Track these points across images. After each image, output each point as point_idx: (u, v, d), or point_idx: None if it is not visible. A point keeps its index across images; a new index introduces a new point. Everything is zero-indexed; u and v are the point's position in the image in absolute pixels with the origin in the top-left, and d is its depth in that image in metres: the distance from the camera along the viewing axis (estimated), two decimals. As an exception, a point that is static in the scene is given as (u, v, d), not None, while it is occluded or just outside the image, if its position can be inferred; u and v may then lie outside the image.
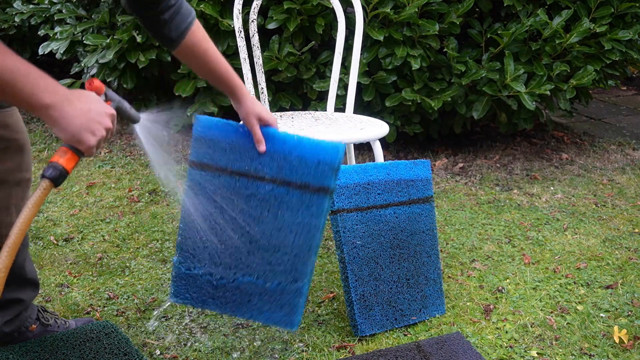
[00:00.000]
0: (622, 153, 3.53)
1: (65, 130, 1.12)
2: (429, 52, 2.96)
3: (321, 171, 1.40)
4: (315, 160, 1.40)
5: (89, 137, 1.13)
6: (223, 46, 2.99)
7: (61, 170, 1.17)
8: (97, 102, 1.16)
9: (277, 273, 1.46)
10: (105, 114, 1.16)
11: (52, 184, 1.16)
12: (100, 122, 1.14)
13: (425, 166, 1.89)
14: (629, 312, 1.92)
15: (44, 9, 3.67)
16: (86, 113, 1.12)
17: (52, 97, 1.08)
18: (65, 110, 1.10)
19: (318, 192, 1.42)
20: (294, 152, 1.42)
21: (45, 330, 1.66)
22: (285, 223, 1.44)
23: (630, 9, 3.09)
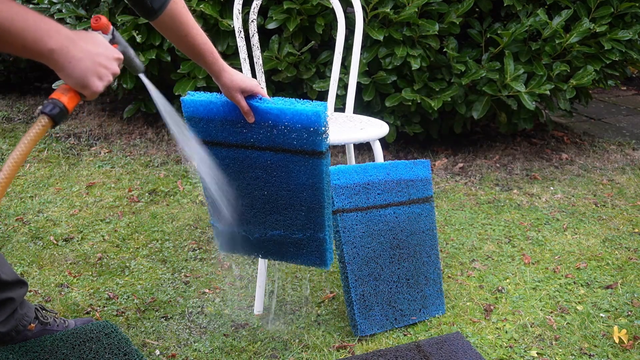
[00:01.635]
0: (622, 153, 3.53)
1: (72, 76, 1.05)
2: (428, 52, 2.96)
3: (308, 137, 1.45)
4: (300, 127, 1.44)
5: (96, 82, 1.07)
6: (223, 46, 2.99)
7: (62, 108, 1.07)
8: (103, 44, 1.09)
9: (299, 226, 1.57)
10: (113, 57, 1.09)
11: (52, 121, 1.07)
12: (107, 67, 1.08)
13: (425, 166, 1.89)
14: (629, 312, 1.92)
15: (43, 9, 3.67)
16: (93, 56, 1.05)
17: (56, 41, 1.01)
18: (71, 54, 1.03)
19: (312, 156, 1.47)
20: (279, 121, 1.46)
21: (45, 329, 1.65)
22: (291, 185, 1.51)
23: (630, 9, 3.09)
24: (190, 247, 2.28)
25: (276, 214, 1.57)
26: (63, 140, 3.45)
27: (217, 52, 1.46)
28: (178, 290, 2.00)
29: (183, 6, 1.39)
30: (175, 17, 1.37)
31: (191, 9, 2.88)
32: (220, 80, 1.45)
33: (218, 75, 1.45)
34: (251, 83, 1.45)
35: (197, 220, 2.49)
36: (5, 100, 4.25)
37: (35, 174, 2.96)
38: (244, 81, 1.44)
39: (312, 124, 1.42)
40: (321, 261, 1.61)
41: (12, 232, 2.37)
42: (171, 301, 1.94)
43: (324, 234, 1.56)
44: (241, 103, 1.44)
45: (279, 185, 1.52)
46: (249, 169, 1.52)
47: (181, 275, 2.09)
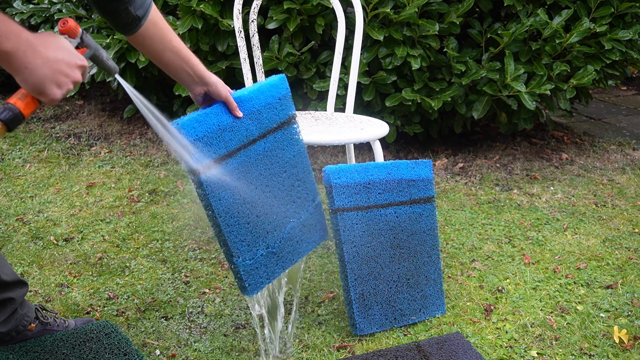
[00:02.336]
0: (622, 153, 3.53)
1: (28, 81, 1.01)
2: (429, 52, 2.96)
3: (283, 105, 1.57)
4: (277, 98, 1.56)
5: (54, 90, 1.03)
6: (223, 46, 2.99)
7: (17, 113, 1.04)
8: (66, 50, 1.05)
9: (302, 204, 1.64)
10: (75, 65, 1.05)
11: (5, 127, 1.04)
12: (67, 75, 1.04)
13: (427, 166, 1.89)
14: (629, 312, 1.92)
15: (44, 9, 3.67)
16: (52, 63, 1.01)
17: (13, 44, 0.97)
18: (28, 59, 0.99)
19: (289, 124, 1.59)
20: (260, 103, 1.53)
21: (45, 329, 1.65)
22: (286, 163, 1.58)
23: (630, 9, 3.09)
24: (190, 247, 2.28)
25: (285, 204, 1.58)
26: (63, 140, 3.45)
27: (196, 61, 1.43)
28: (178, 290, 2.00)
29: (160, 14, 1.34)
30: (158, 23, 1.32)
31: (191, 9, 2.88)
32: (210, 79, 1.43)
33: (207, 76, 1.42)
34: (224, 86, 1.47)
35: (197, 220, 2.49)
36: (5, 100, 4.25)
37: (35, 174, 2.96)
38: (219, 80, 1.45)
39: (284, 89, 1.58)
40: (323, 233, 1.70)
41: (12, 232, 2.37)
42: (171, 301, 1.94)
43: (318, 198, 1.66)
44: (229, 99, 1.45)
45: (278, 170, 1.57)
46: (252, 167, 1.51)
47: (181, 275, 2.09)
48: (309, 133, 1.87)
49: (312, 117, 2.15)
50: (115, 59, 3.21)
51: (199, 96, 1.46)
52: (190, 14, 2.91)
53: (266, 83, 1.55)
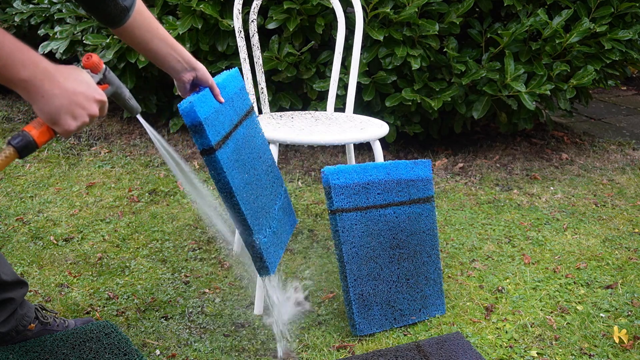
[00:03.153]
0: (622, 153, 3.53)
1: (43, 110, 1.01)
2: (429, 52, 2.96)
3: (244, 94, 1.64)
4: (239, 88, 1.63)
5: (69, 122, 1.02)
6: (223, 46, 2.99)
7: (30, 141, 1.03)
8: (85, 84, 1.05)
9: (277, 188, 1.71)
10: (93, 99, 1.05)
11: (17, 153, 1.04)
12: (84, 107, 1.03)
13: (426, 166, 1.89)
14: (629, 312, 1.92)
15: (43, 9, 3.67)
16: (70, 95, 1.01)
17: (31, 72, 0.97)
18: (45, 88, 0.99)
19: (251, 112, 1.67)
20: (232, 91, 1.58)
21: (45, 329, 1.65)
22: (259, 149, 1.65)
23: (630, 9, 3.09)
24: (190, 247, 2.28)
25: (269, 186, 1.65)
26: (63, 140, 3.46)
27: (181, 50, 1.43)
28: (178, 290, 2.00)
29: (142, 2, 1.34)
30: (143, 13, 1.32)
31: (191, 9, 2.88)
32: (197, 64, 1.43)
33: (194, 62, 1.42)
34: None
35: (197, 220, 2.49)
36: (5, 100, 4.25)
37: (35, 174, 2.96)
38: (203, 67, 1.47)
39: (241, 80, 1.67)
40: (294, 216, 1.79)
41: (12, 232, 2.37)
42: (171, 301, 1.94)
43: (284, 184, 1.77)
44: (214, 85, 1.47)
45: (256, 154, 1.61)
46: (241, 151, 1.54)
47: (181, 275, 2.09)
48: (309, 133, 1.87)
49: (312, 117, 2.15)
50: (115, 59, 3.21)
51: (187, 83, 1.45)
52: (190, 14, 2.91)
53: (228, 74, 1.62)
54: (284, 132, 1.85)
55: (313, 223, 2.52)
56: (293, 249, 2.30)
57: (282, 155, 3.31)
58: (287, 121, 2.05)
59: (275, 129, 1.89)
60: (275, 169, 1.74)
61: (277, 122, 2.02)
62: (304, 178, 3.01)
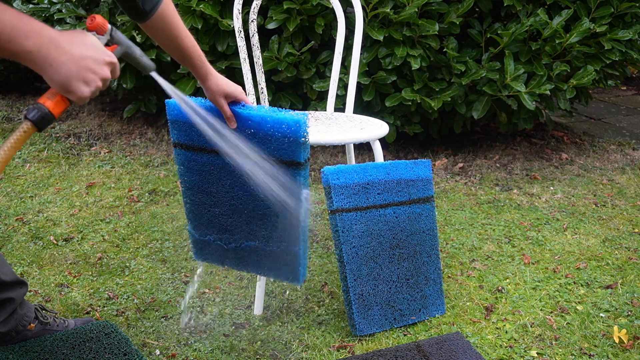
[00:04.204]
0: (622, 153, 3.53)
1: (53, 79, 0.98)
2: (428, 52, 2.96)
3: (288, 146, 1.43)
4: (280, 135, 1.42)
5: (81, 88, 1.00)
6: (223, 46, 2.99)
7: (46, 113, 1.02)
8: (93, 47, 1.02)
9: (275, 239, 1.54)
10: (103, 61, 1.02)
11: (35, 127, 1.02)
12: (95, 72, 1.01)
13: (426, 166, 1.89)
14: (629, 312, 1.92)
15: (43, 9, 3.67)
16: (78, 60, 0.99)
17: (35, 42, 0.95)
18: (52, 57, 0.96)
19: (289, 165, 1.44)
20: (260, 129, 1.44)
21: (45, 329, 1.65)
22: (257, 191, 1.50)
23: (630, 9, 3.09)
24: (190, 247, 2.28)
25: (252, 224, 1.55)
26: (63, 140, 3.45)
27: (204, 56, 1.46)
28: (178, 290, 2.00)
29: (173, 9, 1.38)
30: (166, 19, 1.36)
31: (191, 9, 2.88)
32: (206, 84, 1.45)
33: (204, 79, 1.45)
34: (235, 89, 1.45)
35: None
36: (5, 100, 4.25)
37: (35, 174, 2.96)
38: (228, 86, 1.44)
39: (293, 133, 1.40)
40: (294, 276, 1.56)
41: (12, 232, 2.37)
42: (171, 301, 1.94)
43: (298, 248, 1.51)
44: (224, 108, 1.44)
45: (256, 195, 1.49)
46: (228, 176, 1.51)
47: (181, 275, 2.09)
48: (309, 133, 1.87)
49: (312, 117, 2.15)
50: (115, 59, 3.21)
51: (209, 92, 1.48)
52: (190, 14, 2.91)
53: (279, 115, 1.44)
54: (284, 132, 1.85)
55: (313, 223, 2.52)
56: (293, 249, 2.30)
57: (282, 155, 3.30)
58: (287, 121, 2.04)
59: (275, 129, 1.89)
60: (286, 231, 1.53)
61: (277, 122, 2.02)
62: (304, 178, 3.01)
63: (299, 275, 1.56)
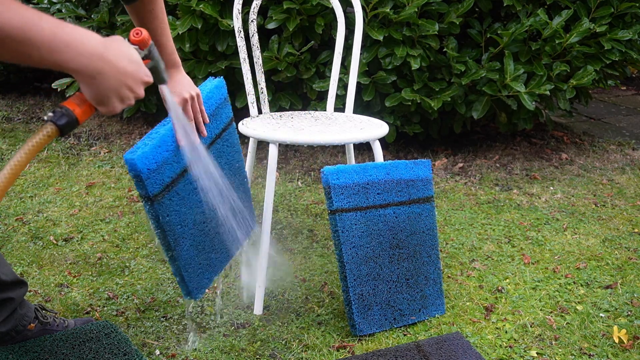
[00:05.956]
0: (622, 153, 3.53)
1: (91, 90, 0.95)
2: (428, 52, 2.96)
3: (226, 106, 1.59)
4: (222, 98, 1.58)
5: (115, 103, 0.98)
6: (223, 46, 2.99)
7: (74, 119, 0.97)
8: (136, 63, 1.00)
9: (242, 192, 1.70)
10: (141, 80, 1.00)
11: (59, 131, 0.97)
12: (133, 90, 0.99)
13: (426, 166, 1.89)
14: (629, 312, 1.92)
15: (43, 9, 3.67)
16: (121, 75, 0.96)
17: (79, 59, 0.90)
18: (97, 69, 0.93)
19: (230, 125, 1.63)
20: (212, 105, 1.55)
21: (45, 329, 1.65)
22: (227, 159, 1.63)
23: (630, 9, 3.09)
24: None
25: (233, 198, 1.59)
26: (63, 140, 3.45)
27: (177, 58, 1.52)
28: (178, 290, 2.00)
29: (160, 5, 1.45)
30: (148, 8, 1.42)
31: (191, 9, 2.88)
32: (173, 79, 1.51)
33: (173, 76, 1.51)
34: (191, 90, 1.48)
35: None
36: (5, 100, 4.25)
37: (35, 174, 2.96)
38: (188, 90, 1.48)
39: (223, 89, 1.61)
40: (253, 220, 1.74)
41: (12, 232, 2.37)
42: (171, 301, 1.94)
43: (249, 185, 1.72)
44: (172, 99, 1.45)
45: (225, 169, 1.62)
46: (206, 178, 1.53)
47: (181, 275, 2.09)
48: (309, 133, 1.87)
49: (312, 117, 2.15)
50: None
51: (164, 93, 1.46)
52: (190, 13, 2.91)
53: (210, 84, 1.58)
54: (283, 132, 1.85)
55: (313, 223, 2.52)
56: (293, 249, 2.30)
57: (282, 155, 3.31)
58: (287, 121, 2.05)
59: (275, 129, 1.89)
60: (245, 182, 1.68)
61: (277, 122, 2.02)
62: (304, 178, 3.01)
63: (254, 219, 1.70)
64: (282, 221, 2.52)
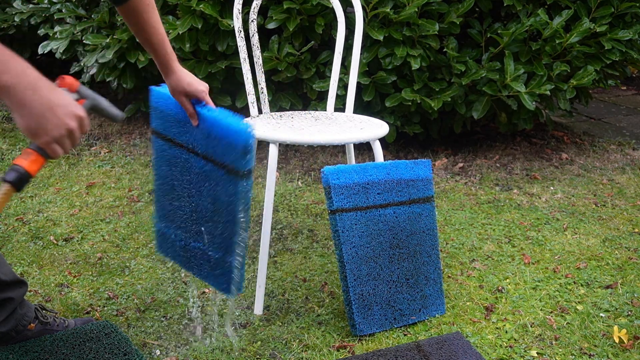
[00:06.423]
0: (622, 153, 3.53)
1: (22, 120, 1.01)
2: (428, 52, 2.96)
3: (231, 152, 1.41)
4: (227, 142, 1.41)
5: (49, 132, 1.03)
6: (223, 46, 2.99)
7: (22, 173, 1.07)
8: (67, 99, 1.06)
9: (215, 245, 1.52)
10: (74, 113, 1.06)
11: (14, 188, 1.07)
12: (63, 121, 1.04)
13: (426, 166, 1.89)
14: (629, 312, 1.92)
15: (43, 9, 3.67)
16: (52, 106, 1.02)
17: (15, 79, 0.98)
18: (29, 98, 1.00)
19: (232, 174, 1.42)
20: (212, 130, 1.45)
21: (45, 329, 1.65)
22: (216, 198, 1.48)
23: (630, 9, 3.09)
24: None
25: (199, 225, 1.56)
26: (63, 140, 3.45)
27: (171, 54, 1.49)
28: (178, 290, 2.00)
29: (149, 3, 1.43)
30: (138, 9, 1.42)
31: (191, 9, 2.88)
32: (167, 80, 1.51)
33: (166, 75, 1.51)
34: (196, 89, 1.48)
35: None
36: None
37: (35, 173, 2.96)
38: (190, 86, 1.48)
39: (236, 141, 1.39)
40: (227, 287, 1.53)
41: (12, 232, 2.37)
42: (171, 301, 1.94)
43: (231, 259, 1.49)
44: (186, 105, 1.49)
45: (206, 196, 1.51)
46: (187, 172, 1.55)
47: (181, 275, 2.09)
48: (309, 133, 1.87)
49: (312, 117, 2.15)
50: (115, 58, 3.21)
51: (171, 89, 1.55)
52: (190, 13, 2.91)
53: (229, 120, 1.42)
54: (284, 132, 1.85)
55: (313, 223, 2.52)
56: (293, 249, 2.30)
57: (282, 155, 3.31)
58: (287, 121, 2.05)
59: (275, 129, 1.89)
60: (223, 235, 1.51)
61: (277, 122, 2.02)
62: (304, 178, 3.01)
63: (231, 287, 1.52)
64: (282, 221, 2.52)
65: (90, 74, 3.50)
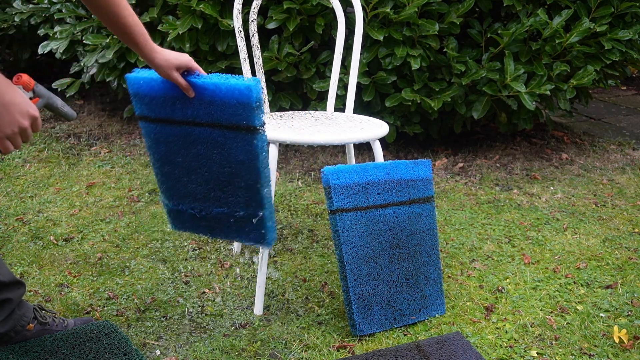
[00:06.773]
0: (622, 153, 3.53)
1: None
2: (428, 52, 2.96)
3: (243, 112, 1.46)
4: (235, 102, 1.45)
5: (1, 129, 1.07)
6: (223, 46, 2.99)
7: None
8: (21, 97, 1.10)
9: (241, 204, 1.60)
10: (27, 112, 1.10)
11: None
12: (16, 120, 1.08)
13: (426, 166, 1.89)
14: (629, 312, 1.92)
15: (43, 9, 3.67)
16: (6, 105, 1.06)
17: None
18: None
19: (247, 132, 1.48)
20: (215, 97, 1.48)
21: (44, 329, 1.65)
22: (230, 161, 1.53)
23: (630, 9, 3.09)
24: (190, 247, 2.28)
25: (219, 191, 1.60)
26: (63, 140, 3.45)
27: (147, 35, 1.47)
28: (178, 290, 2.00)
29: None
30: None
31: (191, 9, 2.88)
32: (154, 61, 1.47)
33: (151, 56, 1.47)
34: (184, 58, 1.47)
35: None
36: None
37: (35, 173, 2.96)
38: (177, 58, 1.46)
39: (245, 98, 1.43)
40: (263, 239, 1.62)
41: (12, 232, 2.37)
42: (171, 301, 1.94)
43: (263, 212, 1.57)
44: (179, 80, 1.47)
45: (220, 162, 1.55)
46: (192, 145, 1.55)
47: (181, 275, 2.09)
48: (309, 133, 1.87)
49: (312, 117, 2.15)
50: (115, 58, 3.21)
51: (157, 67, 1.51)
52: (190, 13, 2.91)
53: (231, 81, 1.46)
54: (284, 132, 1.85)
55: (313, 223, 2.52)
56: (293, 248, 2.30)
57: (282, 155, 3.31)
58: (287, 121, 2.05)
59: (275, 129, 1.89)
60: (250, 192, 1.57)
61: (277, 122, 2.02)
62: (304, 178, 3.01)
63: (268, 238, 1.61)
64: (282, 221, 2.52)
65: (90, 74, 3.50)
